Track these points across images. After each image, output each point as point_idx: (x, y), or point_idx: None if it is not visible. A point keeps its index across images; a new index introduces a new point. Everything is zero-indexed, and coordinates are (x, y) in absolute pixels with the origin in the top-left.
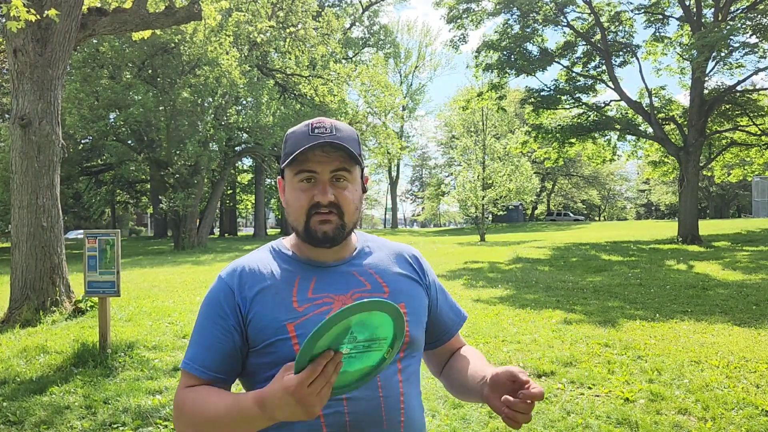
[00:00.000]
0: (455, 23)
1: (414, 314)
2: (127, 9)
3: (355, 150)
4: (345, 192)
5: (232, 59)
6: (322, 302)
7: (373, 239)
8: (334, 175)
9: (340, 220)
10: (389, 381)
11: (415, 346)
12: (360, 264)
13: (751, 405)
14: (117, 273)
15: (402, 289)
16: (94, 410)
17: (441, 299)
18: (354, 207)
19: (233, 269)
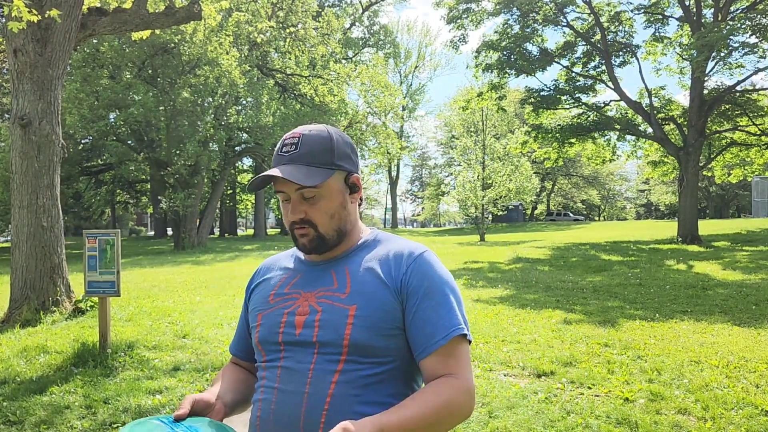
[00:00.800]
0: (455, 23)
1: (362, 317)
2: (127, 9)
3: (323, 161)
4: (315, 206)
5: (232, 59)
6: (290, 297)
7: (384, 238)
8: (301, 192)
9: (315, 232)
10: (320, 379)
11: (363, 352)
12: (344, 263)
13: (751, 405)
14: (117, 273)
15: (364, 291)
16: (94, 410)
17: (419, 310)
18: (328, 217)
19: (261, 264)
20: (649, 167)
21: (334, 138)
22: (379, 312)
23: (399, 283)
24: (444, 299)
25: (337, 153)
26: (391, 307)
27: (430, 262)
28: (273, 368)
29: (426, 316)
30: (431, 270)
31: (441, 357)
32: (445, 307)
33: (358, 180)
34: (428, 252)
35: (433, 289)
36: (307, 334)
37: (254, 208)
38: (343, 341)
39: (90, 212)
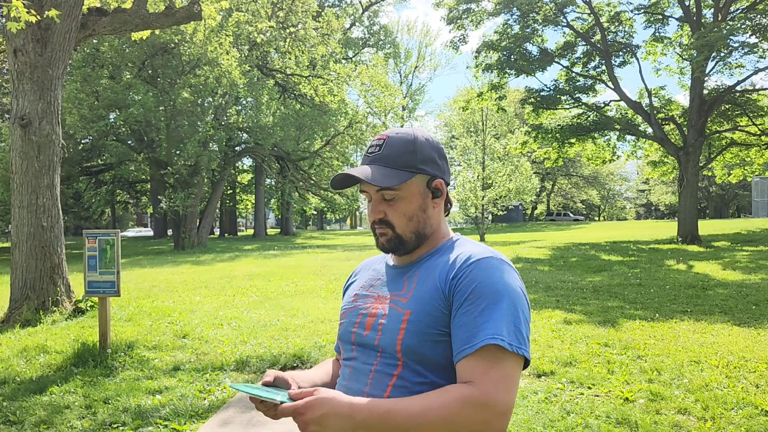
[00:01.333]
0: (455, 24)
1: (414, 322)
2: (127, 9)
3: (405, 163)
4: (394, 207)
5: (232, 59)
6: (367, 299)
7: (460, 243)
8: (381, 193)
9: (393, 232)
10: (378, 381)
11: (416, 359)
12: (417, 268)
13: (751, 405)
14: (117, 273)
15: (419, 296)
16: (94, 410)
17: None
18: (406, 219)
19: (358, 266)
20: (649, 167)
21: (418, 141)
22: (427, 317)
23: (448, 287)
24: (492, 306)
25: (419, 156)
26: (438, 311)
27: (488, 267)
28: (346, 366)
29: (464, 320)
30: (485, 275)
31: (471, 364)
32: (489, 314)
33: (441, 184)
34: (493, 259)
35: (479, 294)
36: (371, 337)
37: (254, 208)
38: (396, 346)
39: (90, 212)
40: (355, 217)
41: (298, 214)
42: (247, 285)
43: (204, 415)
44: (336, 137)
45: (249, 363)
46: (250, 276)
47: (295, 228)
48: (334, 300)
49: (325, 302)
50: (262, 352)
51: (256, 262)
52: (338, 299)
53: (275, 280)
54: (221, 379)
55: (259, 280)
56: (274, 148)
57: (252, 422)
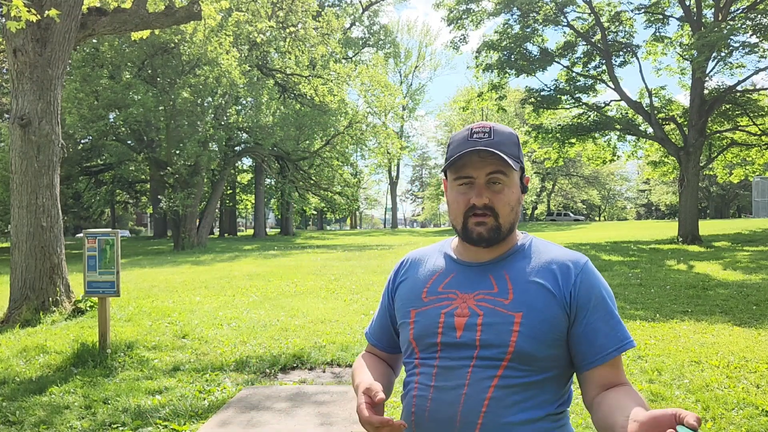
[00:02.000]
0: (455, 24)
1: (529, 326)
2: (126, 9)
3: (513, 153)
4: (500, 194)
5: (232, 59)
6: (446, 297)
7: (539, 244)
8: (490, 178)
9: (495, 221)
10: (478, 382)
11: (525, 360)
12: (502, 266)
13: (752, 405)
14: (117, 273)
15: (527, 299)
16: (94, 410)
17: (589, 322)
18: (509, 208)
19: (404, 257)
20: (649, 167)
21: (517, 136)
22: (545, 323)
23: (568, 295)
24: (611, 311)
25: (519, 151)
26: (557, 318)
27: (594, 272)
28: (428, 366)
29: (597, 327)
30: (597, 281)
31: (611, 367)
32: (614, 319)
33: (528, 181)
34: (589, 262)
35: (601, 301)
36: (469, 337)
37: (254, 208)
38: (508, 347)
39: (90, 212)
40: (355, 217)
41: (298, 214)
42: (247, 285)
43: (204, 416)
44: (336, 137)
45: (249, 363)
46: (249, 276)
47: (295, 228)
48: (333, 300)
49: (325, 302)
50: (262, 352)
51: (256, 262)
52: (338, 299)
53: (275, 280)
54: (221, 379)
55: (258, 280)
56: (274, 148)
57: (252, 422)
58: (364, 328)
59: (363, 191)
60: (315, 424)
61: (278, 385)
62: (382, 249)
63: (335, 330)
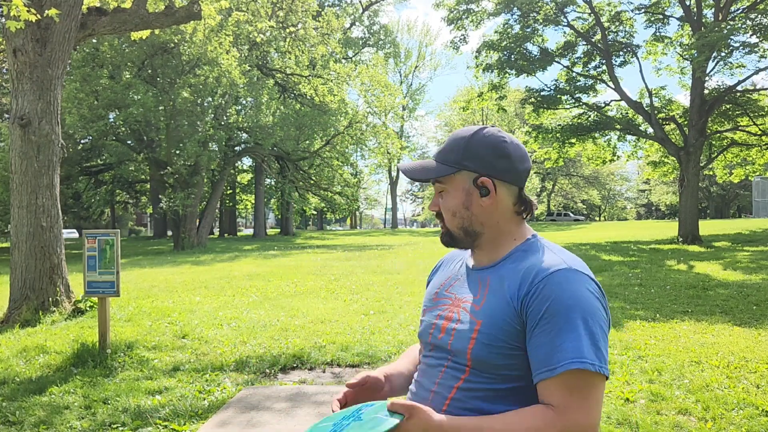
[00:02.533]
0: (455, 24)
1: (485, 334)
2: (126, 9)
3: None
4: (443, 201)
5: (232, 59)
6: (446, 299)
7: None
8: (437, 187)
9: (445, 227)
10: (446, 381)
11: (483, 367)
12: (491, 272)
13: (752, 405)
14: (116, 273)
15: (490, 308)
16: (94, 410)
17: (534, 335)
18: (450, 214)
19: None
20: (649, 167)
21: (474, 138)
22: (498, 331)
23: (519, 304)
24: (567, 325)
25: (468, 153)
26: (510, 327)
27: (561, 282)
28: (422, 363)
29: (540, 341)
30: (558, 290)
31: (552, 388)
32: (565, 335)
33: (486, 182)
34: (565, 271)
35: (554, 313)
36: (445, 341)
37: (254, 208)
38: (467, 354)
39: (89, 212)
40: (355, 217)
41: (298, 214)
42: (247, 285)
43: (203, 416)
44: (336, 137)
45: (249, 363)
46: (249, 276)
47: (295, 228)
48: (333, 300)
49: (325, 302)
50: (262, 352)
51: (256, 262)
52: (338, 299)
53: (275, 281)
54: (221, 379)
55: (258, 280)
56: (274, 148)
57: (251, 422)
58: (364, 328)
59: (363, 191)
60: None
61: (278, 385)
62: (382, 249)
63: (335, 330)
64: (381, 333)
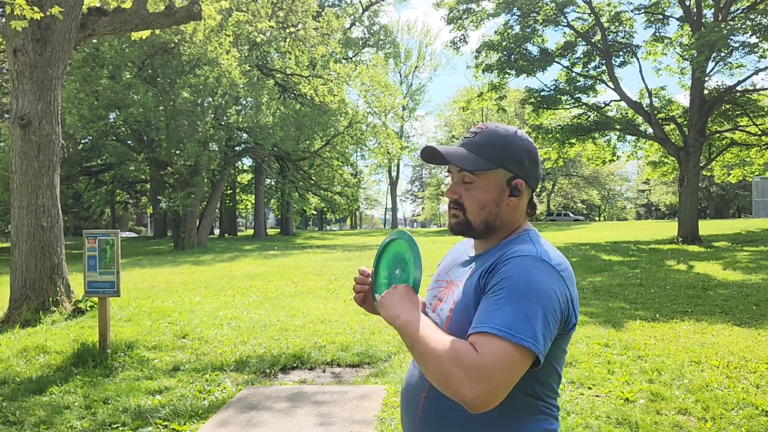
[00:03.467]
0: (455, 24)
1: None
2: (126, 9)
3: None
4: (470, 192)
5: (232, 59)
6: (443, 282)
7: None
8: (462, 175)
9: (463, 216)
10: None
11: None
12: (482, 258)
13: (751, 405)
14: (117, 273)
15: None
16: (94, 410)
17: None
18: (478, 207)
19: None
20: (649, 167)
21: (514, 140)
22: (465, 307)
23: (484, 280)
24: (509, 299)
25: (508, 153)
26: (475, 303)
27: (521, 264)
28: None
29: (482, 306)
30: (515, 270)
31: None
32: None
33: (521, 185)
34: (531, 258)
35: (504, 285)
36: (433, 319)
37: (254, 208)
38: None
39: (90, 212)
40: (355, 217)
41: (298, 214)
42: (247, 285)
43: (204, 416)
44: (336, 137)
45: (249, 363)
46: (250, 276)
47: (295, 228)
48: (333, 300)
49: (325, 302)
50: (262, 352)
51: (256, 262)
52: (338, 299)
53: (275, 280)
54: (221, 379)
55: (259, 280)
56: (274, 148)
57: (251, 422)
58: (364, 328)
59: (363, 191)
60: (315, 424)
61: (278, 385)
62: None
63: (335, 330)
64: (381, 333)
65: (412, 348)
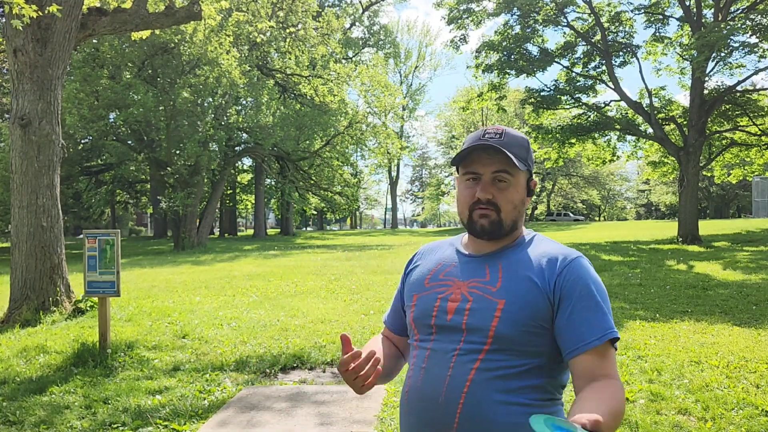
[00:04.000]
0: (455, 24)
1: (509, 312)
2: (127, 9)
3: (520, 155)
4: (504, 192)
5: (232, 59)
6: (444, 284)
7: (541, 240)
8: (496, 176)
9: (497, 216)
10: (463, 364)
11: (505, 344)
12: (499, 258)
13: (751, 405)
14: (117, 273)
15: (511, 288)
16: (94, 410)
17: (573, 312)
18: (512, 206)
19: (419, 248)
20: (649, 167)
21: (527, 141)
22: (525, 309)
23: (552, 285)
24: (597, 304)
25: (529, 154)
26: (539, 305)
27: (585, 267)
28: (423, 349)
29: (581, 316)
30: (586, 274)
31: (594, 357)
32: (600, 311)
33: (535, 185)
34: (582, 258)
35: (587, 293)
36: (457, 321)
37: (254, 208)
38: (489, 332)
39: (90, 212)
40: (355, 217)
41: (298, 214)
42: (247, 285)
43: (204, 416)
44: (336, 137)
45: (249, 363)
46: (250, 276)
47: (295, 228)
48: (333, 300)
49: (325, 302)
50: (262, 352)
51: (256, 262)
52: (338, 299)
53: (275, 280)
54: (221, 379)
55: (258, 280)
56: (274, 148)
57: (251, 422)
58: (363, 328)
59: (363, 191)
60: (315, 424)
61: (278, 385)
62: (382, 249)
63: (335, 330)
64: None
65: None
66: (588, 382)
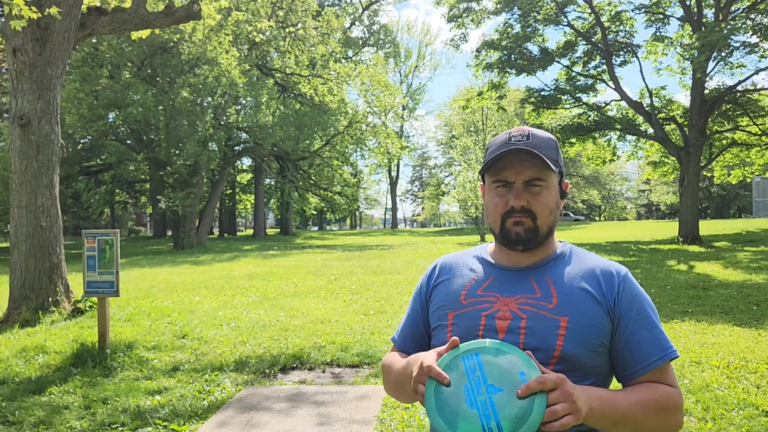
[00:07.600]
0: (456, 22)
1: (575, 330)
2: (126, 8)
3: (552, 157)
4: (538, 197)
5: (232, 59)
6: (486, 300)
7: (579, 252)
8: (528, 182)
9: (533, 223)
10: None
11: (570, 365)
12: (543, 271)
13: (752, 405)
14: (116, 273)
15: (572, 303)
16: (93, 410)
17: (633, 330)
18: (548, 211)
19: (436, 262)
20: (649, 167)
21: (556, 141)
22: (591, 328)
23: (612, 302)
24: (654, 321)
25: (558, 155)
26: (602, 323)
27: (635, 283)
28: None
29: (641, 336)
30: (639, 291)
31: (657, 376)
32: (657, 329)
33: (567, 186)
34: (630, 273)
35: (643, 311)
36: (513, 341)
37: (254, 208)
38: (554, 352)
39: (89, 212)
40: (354, 217)
41: (297, 214)
42: (247, 285)
43: (203, 416)
44: (336, 137)
45: (248, 363)
46: (249, 276)
47: (295, 228)
48: (333, 300)
49: (324, 302)
50: (262, 352)
51: (256, 262)
52: (338, 299)
53: (275, 280)
54: (220, 379)
55: (258, 280)
56: (274, 147)
57: (251, 423)
58: (363, 328)
59: (363, 191)
60: (314, 425)
61: (278, 386)
62: (382, 249)
63: (335, 330)
64: (381, 333)
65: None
66: None
